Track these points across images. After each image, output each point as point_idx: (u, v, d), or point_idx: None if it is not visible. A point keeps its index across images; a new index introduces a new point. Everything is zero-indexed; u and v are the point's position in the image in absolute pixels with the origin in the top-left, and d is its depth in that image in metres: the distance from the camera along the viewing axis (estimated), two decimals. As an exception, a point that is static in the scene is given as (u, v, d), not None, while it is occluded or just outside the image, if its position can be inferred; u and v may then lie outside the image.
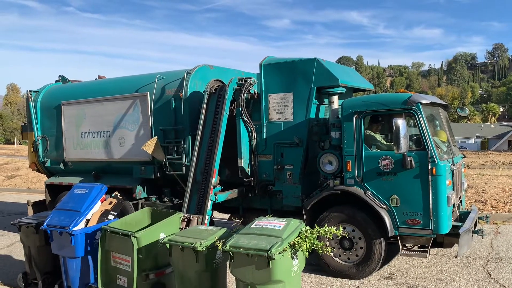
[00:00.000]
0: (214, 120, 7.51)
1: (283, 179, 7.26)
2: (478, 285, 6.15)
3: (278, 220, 4.74)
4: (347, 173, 6.43)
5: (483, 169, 21.79)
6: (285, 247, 4.18)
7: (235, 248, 4.30)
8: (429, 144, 5.92)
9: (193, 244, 4.58)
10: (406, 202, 6.07)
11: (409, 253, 6.24)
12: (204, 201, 7.15)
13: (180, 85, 7.95)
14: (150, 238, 5.23)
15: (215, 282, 4.87)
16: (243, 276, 4.31)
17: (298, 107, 7.09)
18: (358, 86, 7.65)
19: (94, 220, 5.86)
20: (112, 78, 9.74)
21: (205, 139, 7.52)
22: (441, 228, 5.92)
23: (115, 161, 8.83)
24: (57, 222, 5.77)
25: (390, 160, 6.10)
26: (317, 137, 6.98)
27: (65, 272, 5.85)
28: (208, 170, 7.28)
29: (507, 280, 6.28)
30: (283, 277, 4.22)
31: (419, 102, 6.01)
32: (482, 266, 6.92)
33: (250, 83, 7.41)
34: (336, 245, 6.54)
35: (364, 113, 6.32)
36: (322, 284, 6.38)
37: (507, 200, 11.81)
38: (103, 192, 6.21)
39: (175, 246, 4.81)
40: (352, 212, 6.40)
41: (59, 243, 5.76)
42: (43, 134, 9.79)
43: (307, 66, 7.00)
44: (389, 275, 6.62)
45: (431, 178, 5.89)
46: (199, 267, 4.67)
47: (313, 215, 6.77)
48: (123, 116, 8.60)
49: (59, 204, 6.28)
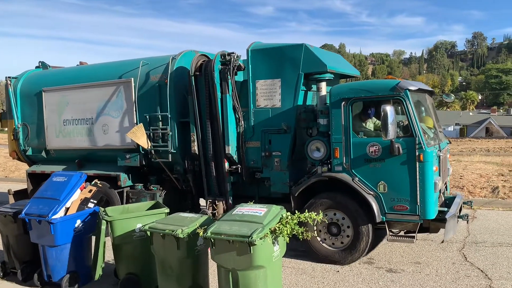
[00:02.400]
0: (207, 103, 7.41)
1: (271, 166, 7.23)
2: (454, 268, 6.29)
3: (259, 207, 4.78)
4: (335, 160, 6.43)
5: (461, 155, 22.22)
6: (266, 233, 4.23)
7: (217, 234, 4.33)
8: (416, 131, 5.94)
9: (174, 231, 4.59)
10: (394, 188, 6.10)
11: (396, 238, 6.30)
12: (223, 184, 7.47)
13: (165, 71, 7.81)
14: (126, 226, 5.35)
15: (197, 269, 4.92)
16: (225, 262, 4.36)
17: (286, 94, 7.03)
18: (345, 72, 7.63)
19: (73, 208, 5.83)
20: (95, 64, 9.51)
21: (204, 123, 7.50)
22: (428, 214, 5.98)
23: (98, 148, 8.67)
24: (36, 210, 5.70)
25: (378, 147, 6.12)
26: (305, 123, 6.95)
27: (44, 261, 5.77)
28: (218, 154, 7.43)
29: (482, 263, 6.46)
30: (264, 263, 4.28)
31: (407, 88, 6.02)
32: (459, 249, 7.09)
33: (236, 60, 7.21)
34: (323, 229, 6.56)
35: (352, 99, 6.30)
36: (303, 269, 6.43)
37: (484, 185, 12.09)
38: (83, 180, 6.17)
39: (156, 234, 4.82)
40: (340, 198, 6.42)
41: (38, 231, 5.69)
42: (24, 122, 9.53)
43: (295, 52, 6.92)
44: (368, 259, 6.69)
45: (419, 164, 5.92)
46: (181, 254, 4.69)
47: (300, 202, 6.77)
48: (107, 102, 8.43)
49: (38, 193, 6.19)
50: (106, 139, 8.50)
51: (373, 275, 6.10)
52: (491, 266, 6.28)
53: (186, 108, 7.84)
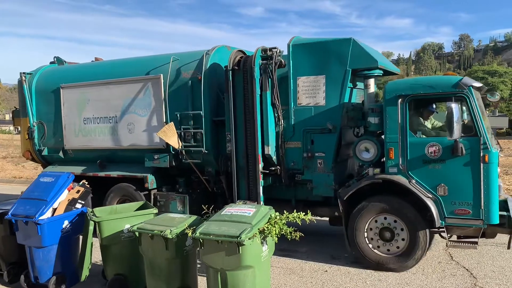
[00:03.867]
0: (245, 100, 6.97)
1: (313, 168, 6.83)
2: (440, 267, 6.30)
3: (248, 207, 4.80)
4: (390, 161, 6.06)
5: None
6: (254, 233, 4.24)
7: (205, 235, 4.33)
8: (481, 130, 5.62)
9: (162, 232, 4.59)
10: (455, 191, 5.76)
11: (457, 244, 5.95)
12: (255, 187, 6.95)
13: (198, 66, 7.37)
14: (114, 226, 5.32)
15: (185, 269, 4.93)
16: (213, 262, 4.35)
17: (331, 91, 6.65)
18: (392, 70, 7.26)
19: (61, 209, 5.70)
20: (118, 60, 8.99)
21: (239, 122, 7.02)
22: (492, 218, 5.66)
23: (123, 148, 8.18)
24: (23, 211, 5.57)
25: (438, 147, 5.77)
26: (353, 122, 6.56)
27: (31, 262, 5.63)
28: (251, 155, 6.94)
29: (467, 262, 6.48)
30: (253, 263, 4.29)
31: (471, 85, 5.69)
32: (444, 249, 7.03)
33: (278, 55, 6.79)
34: (375, 236, 6.19)
35: (410, 97, 5.94)
36: (291, 268, 6.39)
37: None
38: (70, 180, 6.01)
39: (144, 234, 4.81)
40: (396, 202, 6.05)
41: (24, 232, 5.56)
42: (39, 120, 8.98)
43: (342, 47, 6.55)
44: (356, 259, 6.49)
45: (483, 165, 5.59)
46: (169, 254, 4.70)
47: (347, 205, 6.39)
48: (133, 100, 7.95)
49: (24, 193, 5.98)
50: (132, 139, 8.01)
51: (360, 274, 6.06)
52: (476, 265, 6.33)
53: (219, 106, 7.42)
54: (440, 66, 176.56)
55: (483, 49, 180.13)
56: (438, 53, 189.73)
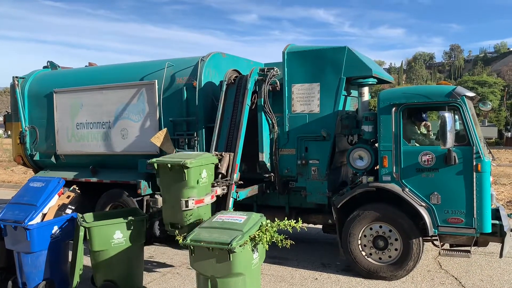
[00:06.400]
0: (233, 112, 6.98)
1: (307, 175, 6.85)
2: (429, 275, 6.31)
3: (239, 214, 4.80)
4: (383, 169, 6.07)
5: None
6: (245, 240, 4.24)
7: (196, 241, 4.31)
8: (474, 139, 5.66)
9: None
10: (448, 200, 5.78)
11: (450, 253, 5.98)
12: (225, 198, 6.58)
13: (193, 73, 7.37)
14: (104, 232, 5.30)
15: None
16: (204, 269, 4.34)
17: (326, 99, 6.68)
18: (386, 78, 7.31)
19: (51, 214, 5.67)
20: (112, 65, 8.98)
21: (223, 132, 6.98)
22: (485, 227, 5.68)
23: (116, 154, 8.13)
24: (12, 216, 5.52)
25: (431, 156, 5.79)
26: (347, 130, 6.60)
27: (19, 268, 5.58)
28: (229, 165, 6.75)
29: (456, 270, 6.51)
30: (244, 270, 4.28)
31: (464, 94, 5.73)
32: (434, 257, 7.07)
33: (273, 74, 6.93)
34: (368, 243, 6.20)
35: (404, 105, 5.97)
36: (281, 276, 6.37)
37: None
38: (61, 186, 5.95)
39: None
40: (390, 210, 6.06)
41: (13, 238, 5.52)
42: (32, 125, 8.92)
43: (336, 55, 6.59)
44: (346, 267, 6.54)
45: (476, 174, 5.62)
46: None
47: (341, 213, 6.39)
48: (126, 106, 7.93)
49: (14, 198, 5.95)
50: (125, 144, 7.98)
51: (350, 283, 6.07)
52: (465, 274, 6.34)
53: (213, 112, 7.41)
54: (431, 75, 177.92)
55: (473, 59, 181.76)
56: (429, 63, 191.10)
